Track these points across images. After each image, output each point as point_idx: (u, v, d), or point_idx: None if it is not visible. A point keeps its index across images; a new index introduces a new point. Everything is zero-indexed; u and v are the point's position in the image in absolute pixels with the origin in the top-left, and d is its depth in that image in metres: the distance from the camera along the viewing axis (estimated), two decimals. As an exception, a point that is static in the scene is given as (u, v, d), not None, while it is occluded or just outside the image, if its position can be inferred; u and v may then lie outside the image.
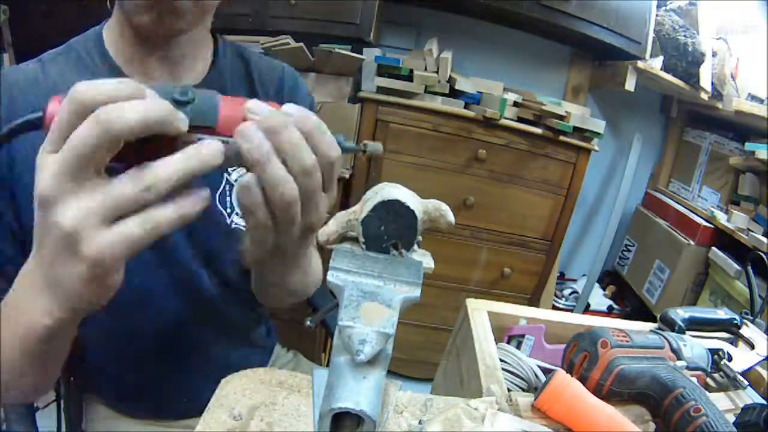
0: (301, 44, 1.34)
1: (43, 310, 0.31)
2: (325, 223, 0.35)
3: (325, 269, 0.35)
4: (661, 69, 1.64)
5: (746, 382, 0.54)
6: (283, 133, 0.31)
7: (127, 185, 0.27)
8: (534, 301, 1.71)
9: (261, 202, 0.31)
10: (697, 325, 0.60)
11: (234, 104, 0.32)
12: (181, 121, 0.29)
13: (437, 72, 1.46)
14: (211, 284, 0.60)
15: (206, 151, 0.29)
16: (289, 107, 0.33)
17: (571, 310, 1.98)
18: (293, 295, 0.60)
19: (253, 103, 0.32)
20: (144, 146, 0.28)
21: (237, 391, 0.39)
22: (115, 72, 0.54)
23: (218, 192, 0.59)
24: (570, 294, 2.08)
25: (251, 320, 0.70)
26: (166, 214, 0.29)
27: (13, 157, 0.48)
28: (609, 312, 2.02)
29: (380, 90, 1.44)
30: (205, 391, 0.40)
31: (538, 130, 1.50)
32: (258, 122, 0.31)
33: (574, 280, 2.18)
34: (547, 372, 0.56)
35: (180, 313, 0.59)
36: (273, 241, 0.34)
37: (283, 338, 0.85)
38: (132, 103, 0.27)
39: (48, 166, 0.27)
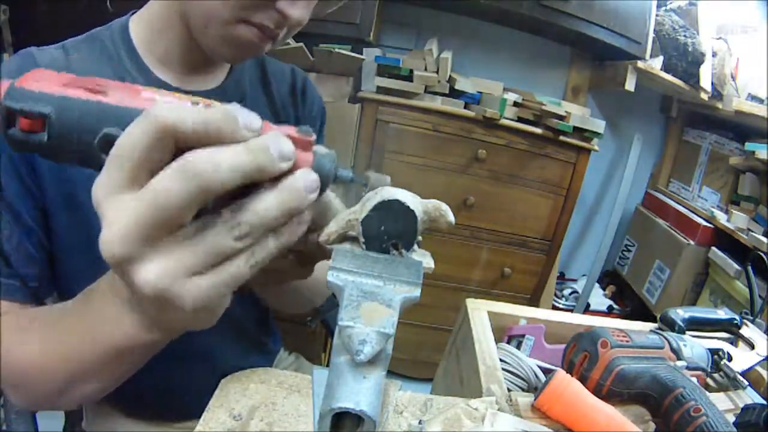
0: (301, 44, 1.34)
1: (129, 333, 0.30)
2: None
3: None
4: (661, 69, 1.64)
5: (746, 382, 0.54)
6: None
7: (223, 236, 0.24)
8: (534, 301, 1.71)
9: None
10: (697, 325, 0.60)
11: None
12: (283, 165, 0.25)
13: (437, 72, 1.46)
14: None
15: (303, 185, 0.26)
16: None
17: (571, 310, 1.98)
18: (299, 303, 0.59)
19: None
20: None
21: (237, 391, 0.39)
22: (143, 69, 0.53)
23: None
24: (570, 294, 2.08)
25: (260, 325, 0.70)
26: (270, 248, 0.26)
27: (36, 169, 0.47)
28: (609, 312, 2.02)
29: (380, 90, 1.44)
30: (208, 394, 0.40)
31: (538, 130, 1.50)
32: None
33: (574, 280, 2.18)
34: (547, 372, 0.56)
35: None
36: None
37: (283, 338, 0.85)
38: (228, 155, 0.23)
39: (119, 220, 0.23)
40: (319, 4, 0.51)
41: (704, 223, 1.69)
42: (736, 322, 0.65)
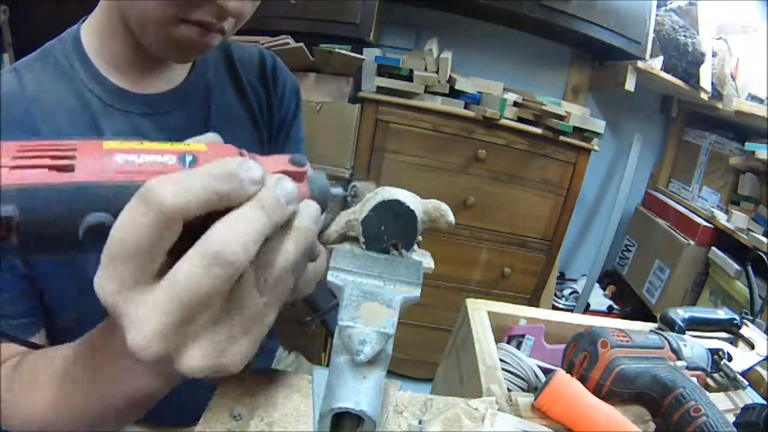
0: (301, 44, 1.34)
1: (149, 386, 0.30)
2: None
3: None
4: (661, 69, 1.64)
5: (746, 382, 0.54)
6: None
7: (252, 298, 0.24)
8: (534, 301, 1.71)
9: None
10: (697, 325, 0.60)
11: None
12: (289, 211, 0.25)
13: (437, 72, 1.46)
14: None
15: (310, 222, 0.26)
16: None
17: (571, 310, 1.98)
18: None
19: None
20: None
21: (237, 391, 0.39)
22: (98, 78, 0.51)
23: None
24: (570, 294, 2.08)
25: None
26: (290, 288, 0.27)
27: None
28: (609, 312, 2.02)
29: (380, 90, 1.44)
30: (206, 398, 0.39)
31: (538, 130, 1.50)
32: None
33: (574, 280, 2.18)
34: (547, 372, 0.56)
35: None
36: None
37: (283, 338, 0.85)
38: (248, 227, 0.22)
39: (147, 317, 0.22)
40: None
41: (704, 223, 1.69)
42: (736, 322, 0.65)
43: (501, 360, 0.54)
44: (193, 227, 0.22)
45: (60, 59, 0.51)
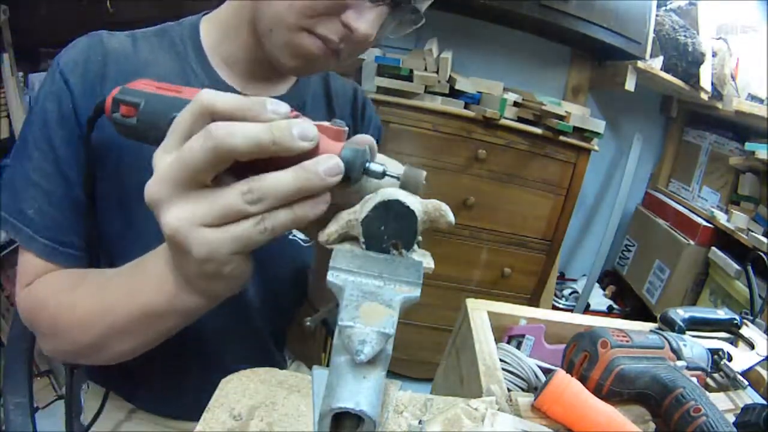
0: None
1: (169, 292, 0.34)
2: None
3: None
4: (661, 69, 1.65)
5: (746, 382, 0.54)
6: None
7: (235, 197, 0.27)
8: (534, 301, 1.71)
9: None
10: (697, 325, 0.60)
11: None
12: (301, 143, 0.28)
13: (437, 72, 1.46)
14: (253, 292, 0.59)
15: (324, 168, 0.28)
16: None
17: (571, 310, 1.98)
18: None
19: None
20: (258, 160, 0.28)
21: (237, 391, 0.39)
22: (207, 69, 0.54)
23: None
24: (570, 294, 2.08)
25: (275, 337, 0.69)
26: (280, 218, 0.29)
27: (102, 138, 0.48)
28: (609, 312, 2.02)
29: (380, 90, 1.44)
30: (207, 396, 0.40)
31: (538, 130, 1.50)
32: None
33: (574, 280, 2.18)
34: (547, 372, 0.56)
35: (213, 316, 0.58)
36: None
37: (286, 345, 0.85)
38: (247, 126, 0.27)
39: (159, 170, 0.28)
40: (387, 24, 0.49)
41: (704, 223, 1.69)
42: (736, 322, 0.65)
43: (501, 360, 0.54)
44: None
45: (176, 40, 0.54)
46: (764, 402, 0.51)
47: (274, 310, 0.64)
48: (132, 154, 0.49)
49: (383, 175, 0.32)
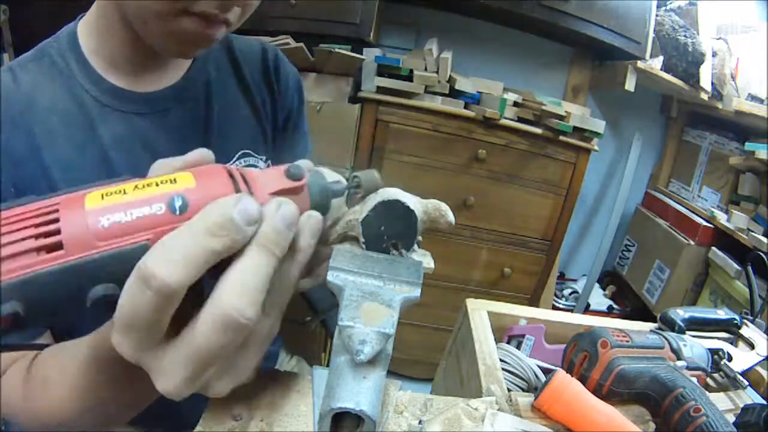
0: (301, 44, 1.34)
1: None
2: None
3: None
4: (661, 69, 1.64)
5: (746, 382, 0.54)
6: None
7: (262, 324, 0.27)
8: (534, 301, 1.71)
9: None
10: (697, 325, 0.60)
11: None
12: (292, 235, 0.26)
13: (437, 72, 1.46)
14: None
15: (312, 235, 0.28)
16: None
17: (571, 310, 1.98)
18: None
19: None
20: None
21: (237, 391, 0.39)
22: (94, 78, 0.49)
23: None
24: (570, 294, 2.08)
25: None
26: (287, 300, 0.29)
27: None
28: (609, 312, 2.02)
29: (380, 90, 1.44)
30: (204, 402, 0.39)
31: (538, 130, 1.50)
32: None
33: (574, 280, 2.18)
34: (547, 372, 0.56)
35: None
36: None
37: (283, 339, 0.85)
38: (249, 274, 0.24)
39: (172, 372, 0.24)
40: None
41: (704, 223, 1.69)
42: (736, 322, 0.65)
43: (501, 360, 0.54)
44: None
45: (56, 58, 0.49)
46: (764, 402, 0.51)
47: None
48: None
49: (347, 190, 0.32)
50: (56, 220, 0.22)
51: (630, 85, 1.63)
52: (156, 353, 0.24)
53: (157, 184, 0.24)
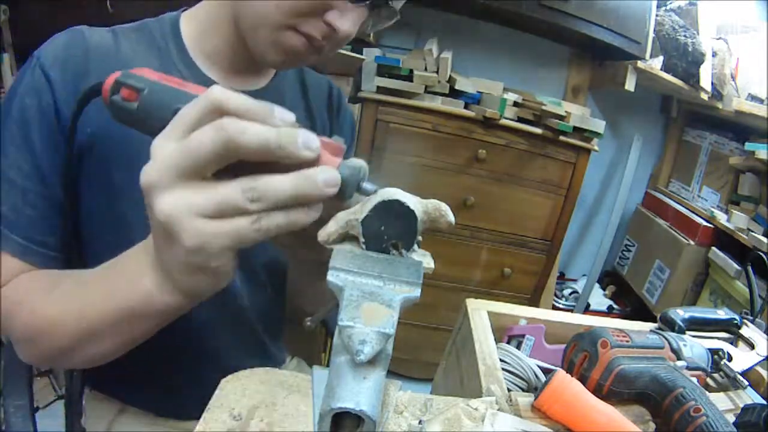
0: (301, 44, 1.34)
1: (146, 290, 0.33)
2: (325, 223, 0.35)
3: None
4: (661, 69, 1.65)
5: (746, 382, 0.54)
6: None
7: (236, 192, 0.28)
8: (534, 301, 1.71)
9: None
10: (697, 325, 0.60)
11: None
12: (305, 152, 0.28)
13: (437, 72, 1.46)
14: (241, 286, 0.60)
15: (323, 178, 0.29)
16: None
17: (571, 310, 1.98)
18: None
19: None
20: (259, 163, 0.28)
21: (237, 391, 0.39)
22: (189, 64, 0.54)
23: None
24: (570, 294, 2.08)
25: (271, 334, 0.69)
26: (275, 220, 0.29)
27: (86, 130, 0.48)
28: (609, 312, 2.02)
29: (380, 90, 1.44)
30: (207, 395, 0.40)
31: (538, 130, 1.50)
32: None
33: (574, 280, 2.18)
34: (547, 372, 0.56)
35: (202, 312, 0.58)
36: None
37: (283, 339, 0.84)
38: (258, 126, 0.27)
39: (160, 157, 0.28)
40: (366, 22, 0.52)
41: (704, 223, 1.69)
42: (736, 322, 0.65)
43: (501, 360, 0.54)
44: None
45: (157, 37, 0.54)
46: (764, 402, 0.51)
47: (263, 302, 0.64)
48: (121, 150, 0.49)
49: (369, 192, 0.33)
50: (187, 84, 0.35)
51: (630, 85, 1.63)
52: (167, 144, 0.28)
53: None
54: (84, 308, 0.37)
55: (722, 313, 0.65)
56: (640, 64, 1.60)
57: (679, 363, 0.49)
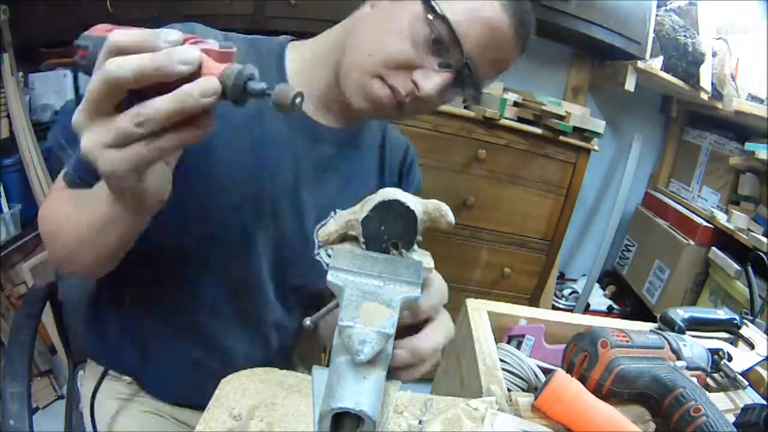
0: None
1: (109, 202, 0.40)
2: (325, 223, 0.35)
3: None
4: (661, 69, 1.64)
5: (746, 382, 0.54)
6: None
7: (126, 121, 0.31)
8: (534, 301, 1.71)
9: None
10: (697, 325, 0.60)
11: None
12: (180, 67, 0.30)
13: (437, 72, 1.46)
14: (274, 297, 0.62)
15: (198, 89, 0.31)
16: None
17: (571, 310, 1.98)
18: None
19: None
20: (154, 88, 0.31)
21: (237, 391, 0.39)
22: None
23: (320, 224, 0.62)
24: (570, 294, 2.08)
25: (288, 340, 0.70)
26: (167, 140, 0.32)
27: None
28: (609, 312, 2.02)
29: (380, 90, 1.44)
30: (208, 383, 0.41)
31: (538, 130, 1.50)
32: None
33: (574, 280, 2.18)
34: (547, 372, 0.56)
35: (231, 314, 0.60)
36: None
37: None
38: (133, 57, 0.30)
39: (80, 107, 0.33)
40: (450, 92, 0.55)
41: (704, 223, 1.69)
42: (736, 322, 0.65)
43: (501, 360, 0.54)
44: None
45: (263, 54, 0.59)
46: (764, 402, 0.51)
47: (291, 324, 0.67)
48: None
49: (263, 93, 0.33)
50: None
51: (630, 85, 1.63)
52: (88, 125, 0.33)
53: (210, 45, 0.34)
54: (78, 218, 0.45)
55: (722, 313, 0.65)
56: (640, 64, 1.60)
57: (679, 363, 0.49)
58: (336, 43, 0.57)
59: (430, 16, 0.50)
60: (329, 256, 0.59)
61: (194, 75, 0.31)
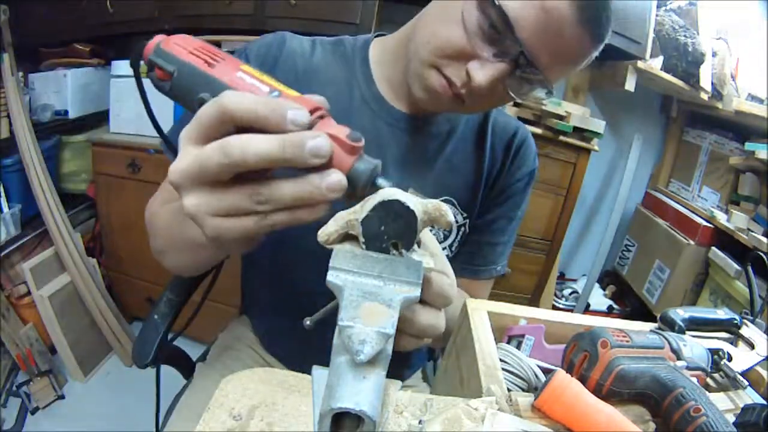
0: (301, 44, 1.34)
1: (198, 235, 0.38)
2: (325, 222, 0.35)
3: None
4: (661, 69, 1.65)
5: (746, 382, 0.54)
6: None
7: (243, 197, 0.31)
8: (534, 301, 1.71)
9: None
10: (697, 325, 0.60)
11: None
12: (312, 160, 0.30)
13: (437, 72, 1.46)
14: None
15: (327, 184, 0.31)
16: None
17: (571, 310, 1.98)
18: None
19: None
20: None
21: (237, 391, 0.39)
22: (369, 83, 0.63)
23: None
24: (570, 294, 2.08)
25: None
26: (280, 218, 0.32)
27: None
28: (609, 312, 2.02)
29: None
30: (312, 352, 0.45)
31: (538, 130, 1.50)
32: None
33: (574, 280, 2.18)
34: (547, 372, 0.56)
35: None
36: None
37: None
38: (260, 143, 0.29)
39: (181, 159, 0.32)
40: (513, 84, 0.52)
41: (704, 223, 1.69)
42: (736, 322, 0.65)
43: (501, 360, 0.54)
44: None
45: (348, 52, 0.64)
46: (764, 402, 0.51)
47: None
48: None
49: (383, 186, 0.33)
50: (223, 59, 0.36)
51: (630, 85, 1.63)
52: (188, 146, 0.32)
53: (278, 84, 0.35)
54: (172, 227, 0.47)
55: (722, 313, 0.65)
56: (640, 64, 1.60)
57: (679, 363, 0.49)
58: (406, 34, 0.59)
59: (483, 2, 0.47)
60: None
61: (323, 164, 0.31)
